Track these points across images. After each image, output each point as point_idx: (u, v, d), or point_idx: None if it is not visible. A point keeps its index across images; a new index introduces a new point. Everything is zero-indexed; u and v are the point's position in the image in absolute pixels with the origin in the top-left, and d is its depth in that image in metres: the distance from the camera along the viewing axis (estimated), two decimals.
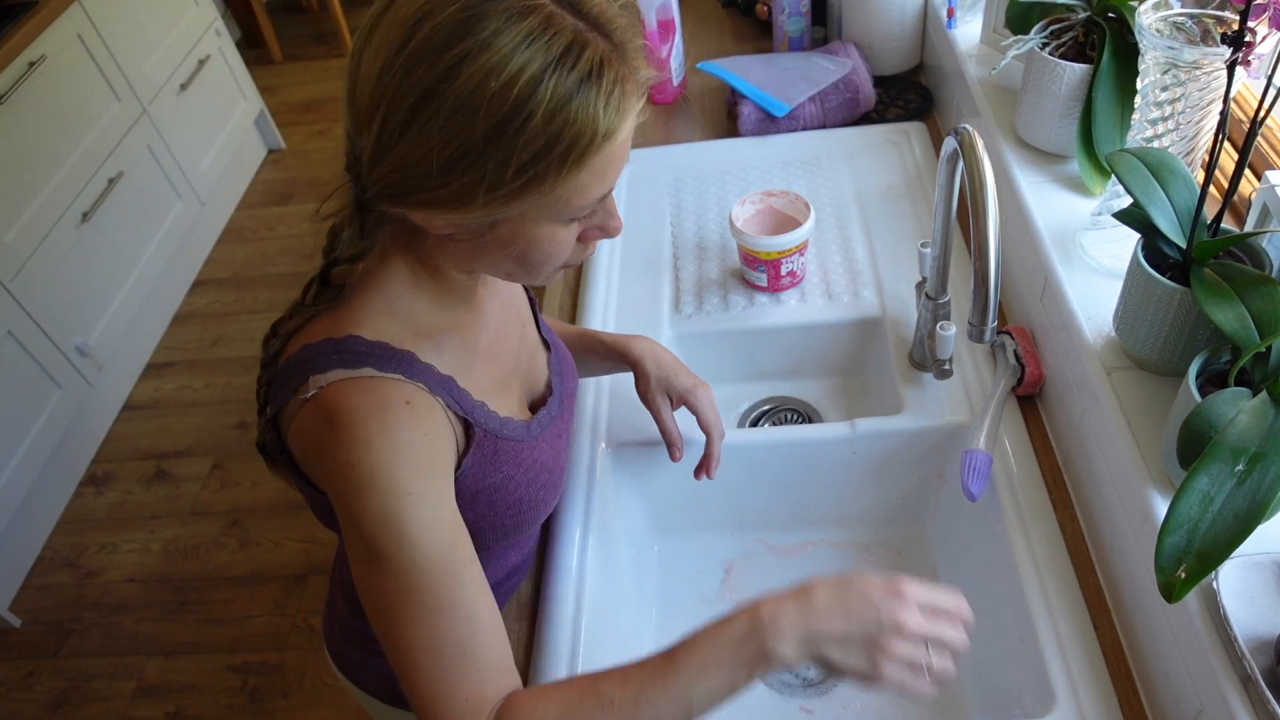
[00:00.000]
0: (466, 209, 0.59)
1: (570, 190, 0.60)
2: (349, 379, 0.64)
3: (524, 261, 0.66)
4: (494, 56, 0.54)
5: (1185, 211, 0.74)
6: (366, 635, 0.90)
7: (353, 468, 0.62)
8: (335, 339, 0.66)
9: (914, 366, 1.07)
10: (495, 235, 0.63)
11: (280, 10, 4.23)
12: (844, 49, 1.49)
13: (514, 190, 0.58)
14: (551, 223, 0.63)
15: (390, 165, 0.58)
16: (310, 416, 0.65)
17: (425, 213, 0.61)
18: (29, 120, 2.18)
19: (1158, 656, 0.74)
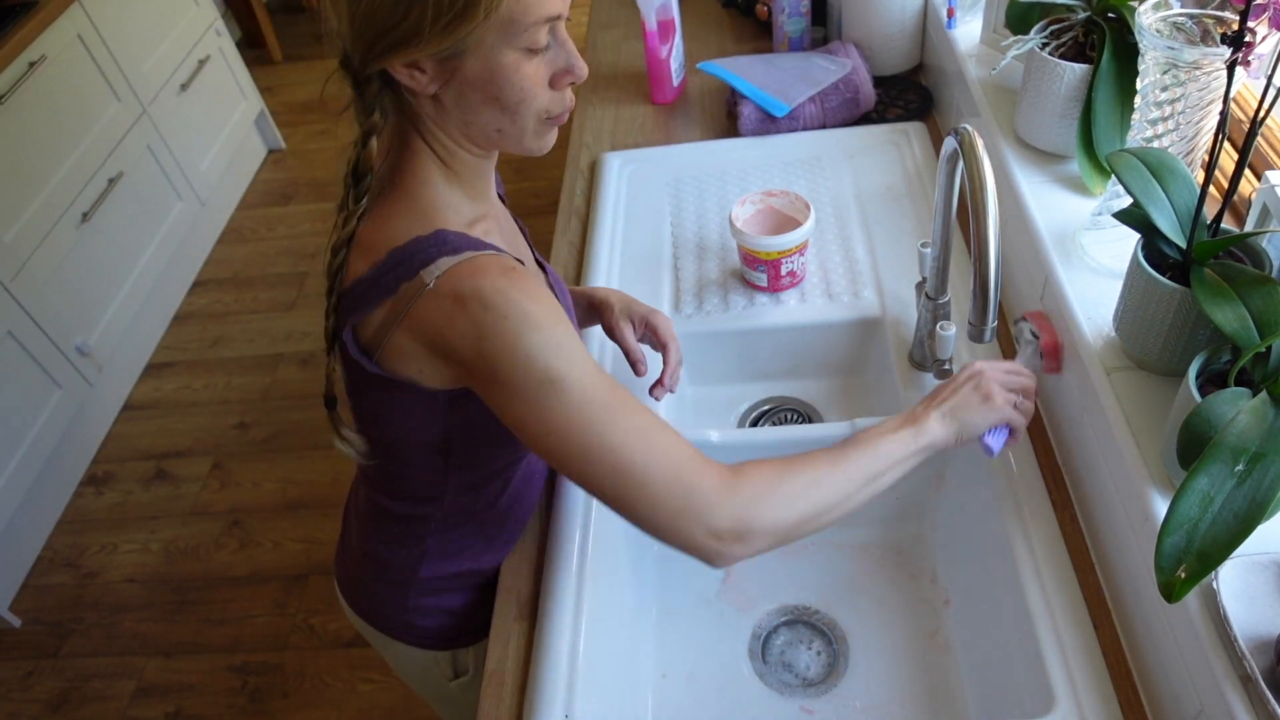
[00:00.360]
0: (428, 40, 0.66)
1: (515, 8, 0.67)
2: (459, 263, 0.71)
3: (503, 105, 0.72)
4: None
5: (1185, 211, 0.74)
6: (381, 563, 0.94)
7: (505, 318, 0.69)
8: (422, 236, 0.73)
9: (914, 366, 1.07)
10: (467, 75, 0.70)
11: (280, 10, 4.23)
12: (844, 49, 1.49)
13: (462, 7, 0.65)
14: (512, 49, 0.69)
15: (359, 21, 0.67)
16: (434, 304, 0.70)
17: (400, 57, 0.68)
18: (29, 120, 2.18)
19: (1158, 656, 0.74)
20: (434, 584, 0.95)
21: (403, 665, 1.05)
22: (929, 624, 1.00)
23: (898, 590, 1.03)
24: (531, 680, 0.86)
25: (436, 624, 0.97)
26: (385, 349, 0.75)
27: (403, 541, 0.93)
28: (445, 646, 1.00)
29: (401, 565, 0.94)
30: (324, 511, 2.16)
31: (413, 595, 0.95)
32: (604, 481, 0.73)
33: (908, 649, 0.98)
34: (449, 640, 0.99)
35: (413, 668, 1.04)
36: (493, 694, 0.87)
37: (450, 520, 0.91)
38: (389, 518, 0.92)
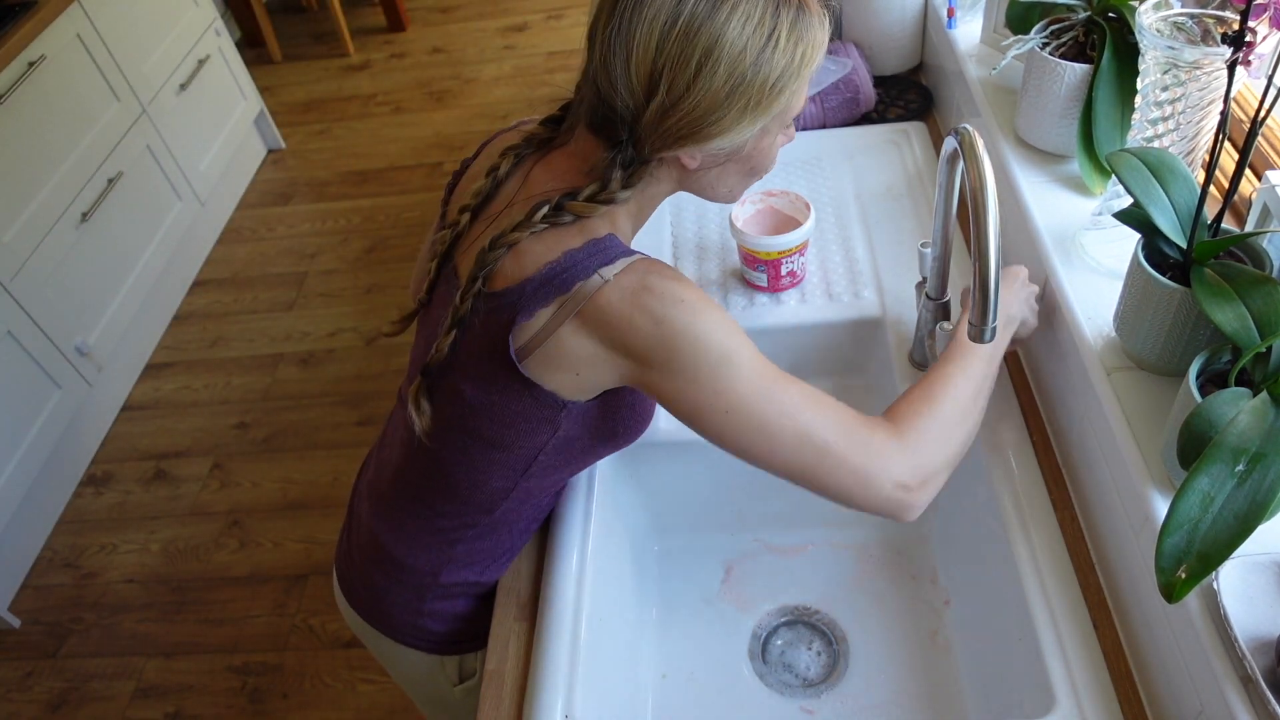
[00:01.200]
0: (738, 131, 0.75)
1: (793, 97, 0.77)
2: (634, 261, 0.77)
3: (750, 175, 0.84)
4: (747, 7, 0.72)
5: (1185, 211, 0.74)
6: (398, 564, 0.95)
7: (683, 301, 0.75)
8: (597, 239, 0.79)
9: (914, 366, 1.07)
10: (742, 154, 0.80)
11: (280, 10, 4.23)
12: (844, 49, 1.49)
13: (769, 104, 0.75)
14: (776, 132, 0.81)
15: (680, 115, 0.74)
16: (615, 296, 0.75)
17: (701, 145, 0.76)
18: (29, 120, 2.18)
19: (1158, 657, 0.74)
20: (453, 589, 0.95)
21: (404, 668, 1.04)
22: (929, 624, 1.00)
23: (898, 590, 1.03)
24: (531, 680, 0.86)
25: (447, 629, 0.97)
26: (540, 352, 0.77)
27: (430, 546, 0.92)
28: (454, 651, 1.00)
29: (423, 569, 0.94)
30: (324, 511, 2.16)
31: (429, 599, 0.95)
32: (788, 451, 0.76)
33: (908, 649, 0.98)
34: (458, 644, 0.99)
35: (415, 671, 1.03)
36: (492, 694, 0.87)
37: (488, 530, 0.91)
38: (422, 521, 0.92)
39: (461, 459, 0.87)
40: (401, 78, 3.65)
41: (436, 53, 3.78)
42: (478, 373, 0.81)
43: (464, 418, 0.84)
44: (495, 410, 0.82)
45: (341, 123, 3.47)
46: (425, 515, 0.91)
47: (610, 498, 1.03)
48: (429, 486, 0.90)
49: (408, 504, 0.92)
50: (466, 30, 3.89)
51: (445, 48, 3.80)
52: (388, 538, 0.95)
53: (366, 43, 3.91)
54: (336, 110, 3.53)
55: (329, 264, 2.85)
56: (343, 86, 3.65)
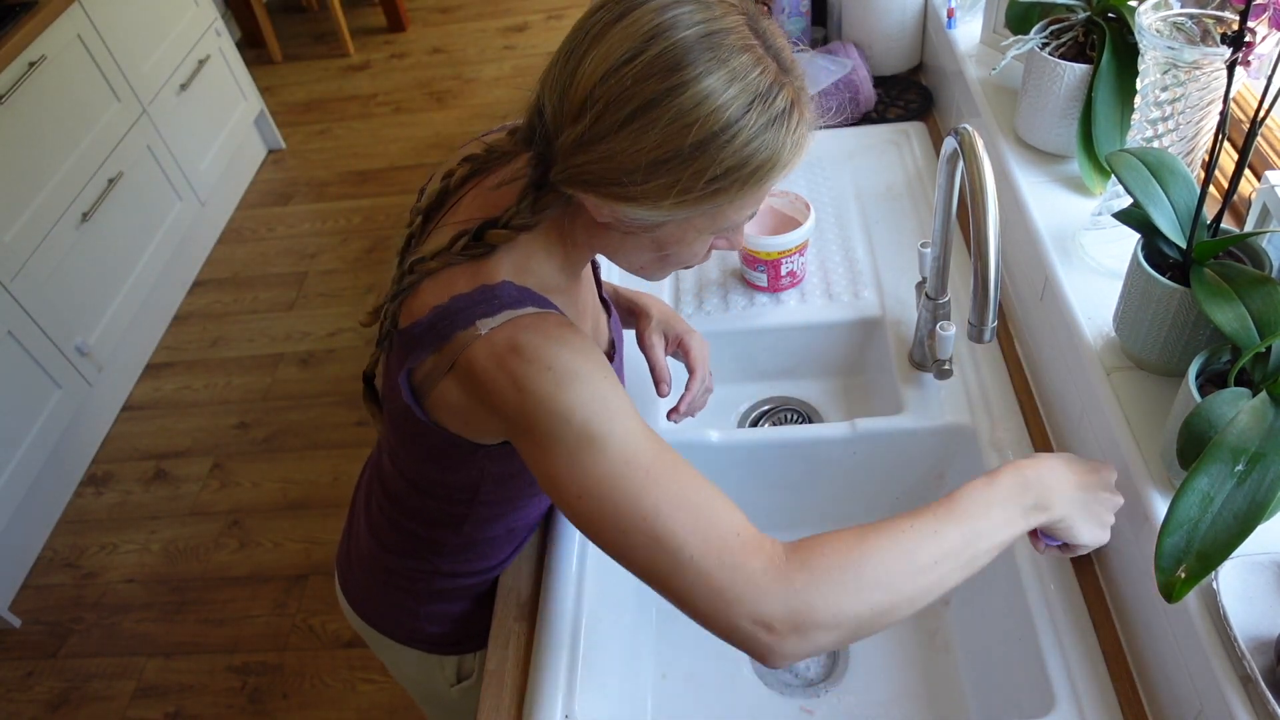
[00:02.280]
0: (651, 206, 0.65)
1: (736, 207, 0.67)
2: (518, 316, 0.70)
3: (664, 261, 0.74)
4: (715, 83, 0.61)
5: (1185, 211, 0.74)
6: (392, 571, 0.94)
7: (550, 369, 0.67)
8: (490, 285, 0.71)
9: (914, 366, 1.07)
10: (656, 234, 0.70)
11: (280, 10, 4.23)
12: (844, 49, 1.49)
13: (698, 197, 0.64)
14: (707, 233, 0.70)
15: (594, 156, 0.64)
16: (486, 352, 0.69)
17: (608, 203, 0.66)
18: (29, 120, 2.18)
19: (1158, 657, 0.74)
20: (447, 592, 0.95)
21: (404, 669, 1.05)
22: (929, 624, 1.00)
23: None
24: (531, 680, 0.86)
25: (444, 630, 0.97)
26: (432, 396, 0.74)
27: (418, 551, 0.92)
28: (452, 651, 1.00)
29: (415, 573, 0.94)
30: (324, 511, 2.16)
31: (424, 602, 0.95)
32: (638, 553, 0.66)
33: (908, 649, 0.98)
34: (456, 645, 0.99)
35: (415, 671, 1.03)
36: (492, 694, 0.87)
37: (469, 541, 0.91)
38: (407, 526, 0.92)
39: (414, 481, 0.86)
40: (401, 78, 3.65)
41: (436, 53, 3.78)
42: (393, 407, 0.79)
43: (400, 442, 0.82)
44: (413, 445, 0.80)
45: (341, 123, 3.47)
46: (408, 521, 0.91)
47: None
48: (405, 493, 0.90)
49: (392, 508, 0.92)
50: (466, 30, 3.90)
51: (445, 48, 3.80)
52: (379, 542, 0.95)
53: (366, 43, 3.91)
54: (336, 110, 3.53)
55: (329, 264, 2.85)
56: (343, 86, 3.65)
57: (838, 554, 0.65)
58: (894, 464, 1.04)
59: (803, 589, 0.64)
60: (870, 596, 0.65)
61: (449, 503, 0.86)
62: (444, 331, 0.71)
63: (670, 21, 0.61)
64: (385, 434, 0.85)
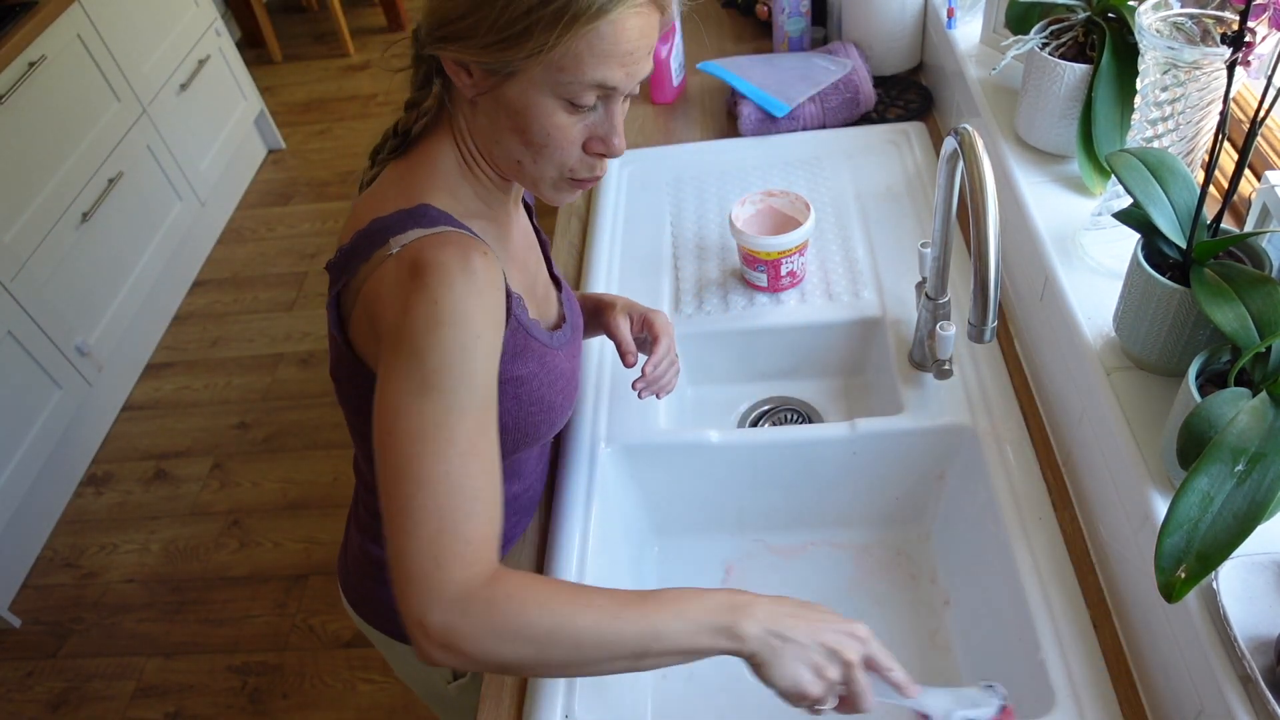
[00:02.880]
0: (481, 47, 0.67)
1: (569, 59, 0.68)
2: (429, 234, 0.71)
3: (527, 141, 0.73)
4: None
5: (1185, 211, 0.74)
6: (379, 563, 0.94)
7: (435, 304, 0.67)
8: (406, 208, 0.74)
9: (914, 366, 1.07)
10: (505, 97, 0.71)
11: (280, 10, 4.23)
12: (844, 49, 1.49)
13: (520, 32, 0.66)
14: (552, 96, 0.70)
15: (433, 5, 0.70)
16: (392, 270, 0.70)
17: (452, 51, 0.69)
18: (29, 120, 2.18)
19: (1158, 656, 0.74)
20: None
21: (402, 665, 1.05)
22: (929, 624, 1.00)
23: (898, 590, 1.03)
24: (531, 680, 0.86)
25: None
26: (351, 324, 0.75)
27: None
28: None
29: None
30: (324, 511, 2.16)
31: None
32: (389, 499, 0.66)
33: (908, 649, 0.98)
34: None
35: (412, 668, 1.04)
36: (493, 694, 0.87)
37: None
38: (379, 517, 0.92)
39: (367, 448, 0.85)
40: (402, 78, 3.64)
41: None
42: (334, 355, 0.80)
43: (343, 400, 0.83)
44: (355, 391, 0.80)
45: (341, 123, 3.47)
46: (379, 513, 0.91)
47: (610, 498, 1.03)
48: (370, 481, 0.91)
49: (368, 494, 0.93)
50: None
51: None
52: (364, 533, 0.96)
53: (366, 43, 3.91)
54: (336, 110, 3.53)
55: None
56: (343, 86, 3.65)
57: (516, 604, 0.65)
58: (894, 464, 1.04)
59: (469, 618, 0.64)
60: (522, 651, 0.65)
61: None
62: (363, 252, 0.73)
63: None
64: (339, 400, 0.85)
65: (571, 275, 1.29)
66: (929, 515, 1.07)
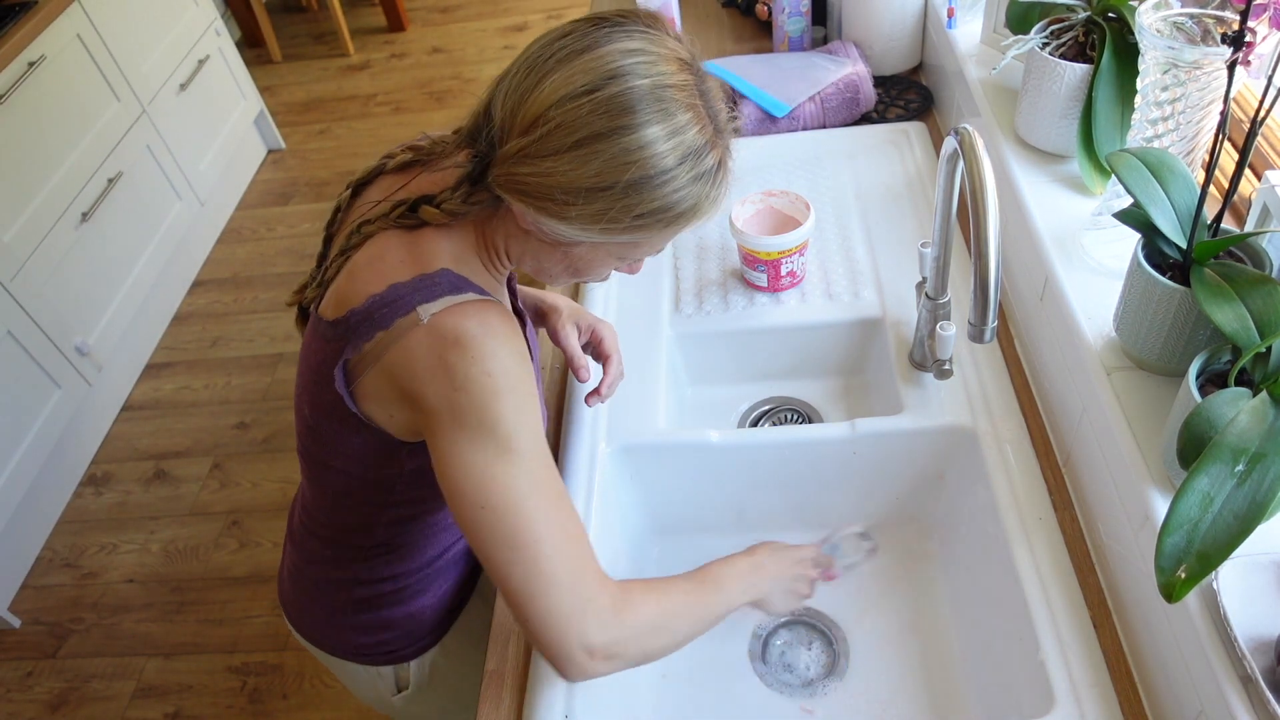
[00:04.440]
0: (578, 227, 0.70)
1: (649, 244, 0.76)
2: (460, 303, 0.72)
3: (574, 274, 0.80)
4: (658, 133, 0.67)
5: (1185, 211, 0.74)
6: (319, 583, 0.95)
7: (490, 375, 0.70)
8: (428, 273, 0.74)
9: (914, 366, 1.07)
10: (571, 250, 0.76)
11: (280, 10, 4.23)
12: (844, 49, 1.49)
13: (622, 229, 0.70)
14: (616, 259, 0.79)
15: (533, 170, 0.68)
16: (427, 341, 0.71)
17: (537, 215, 0.71)
18: (29, 120, 2.18)
19: (1158, 657, 0.74)
20: (371, 601, 0.94)
21: (349, 681, 1.04)
22: (929, 624, 1.00)
23: (898, 590, 1.03)
24: (531, 680, 0.86)
25: (376, 640, 0.97)
26: (360, 384, 0.75)
27: (336, 562, 0.93)
28: (385, 661, 0.99)
29: (337, 585, 0.94)
30: None
31: (350, 613, 0.95)
32: (514, 568, 0.71)
33: (908, 649, 0.98)
34: (389, 655, 0.99)
35: (358, 684, 1.03)
36: (493, 695, 0.87)
37: (383, 549, 0.91)
38: (328, 541, 0.92)
39: (326, 486, 0.87)
40: (401, 78, 3.65)
41: (436, 53, 3.78)
42: (316, 397, 0.79)
43: (314, 442, 0.83)
44: (337, 439, 0.80)
45: (341, 123, 3.47)
46: (322, 534, 0.92)
47: (610, 498, 1.03)
48: (318, 509, 0.91)
49: (310, 519, 0.93)
50: (466, 30, 3.90)
51: (445, 48, 3.80)
52: (303, 554, 0.96)
53: (366, 43, 3.91)
54: (336, 110, 3.53)
55: None
56: (343, 86, 3.65)
57: (650, 604, 0.78)
58: (894, 464, 1.04)
59: (626, 627, 0.75)
60: (663, 641, 0.79)
61: (363, 503, 0.86)
62: (382, 320, 0.73)
63: (630, 68, 0.67)
64: (302, 430, 0.85)
65: None
66: (929, 515, 1.07)
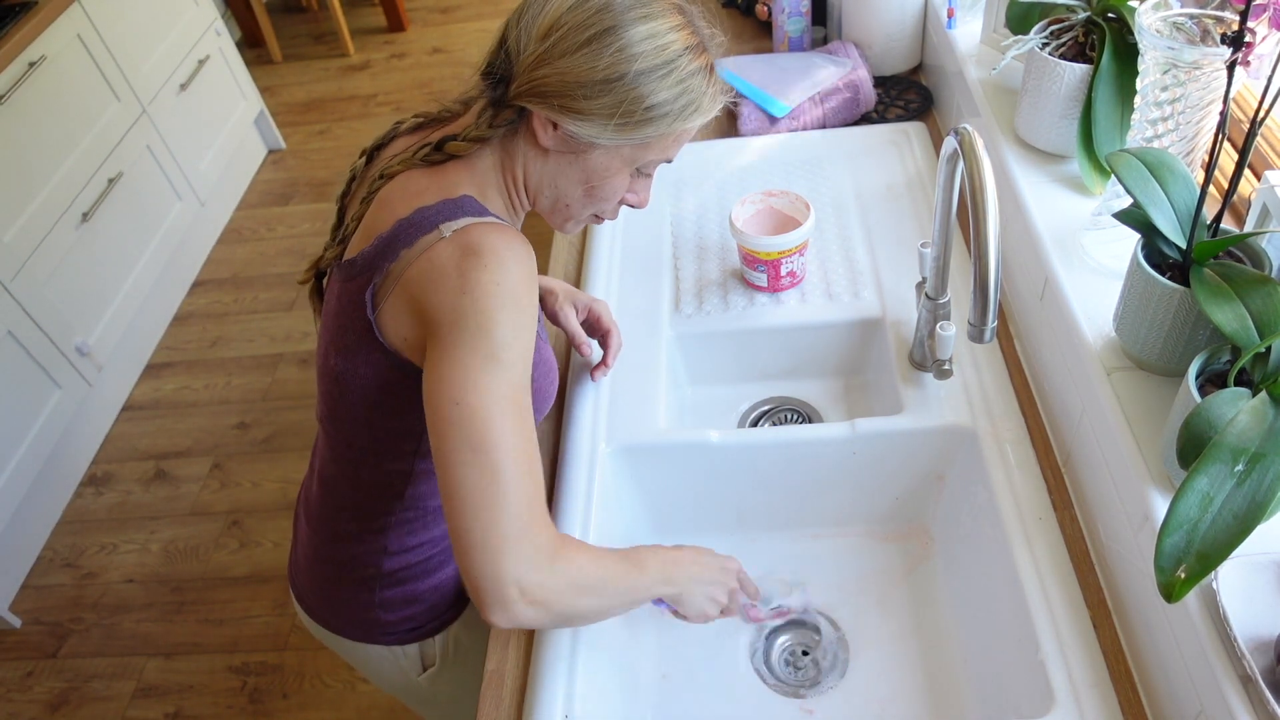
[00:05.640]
0: (594, 123, 0.75)
1: (660, 145, 0.80)
2: (482, 222, 0.76)
3: (591, 194, 0.83)
4: (659, 25, 0.75)
5: (1185, 211, 0.74)
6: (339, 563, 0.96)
7: (498, 285, 0.73)
8: (452, 199, 0.78)
9: (914, 366, 1.07)
10: (589, 160, 0.80)
11: (280, 10, 4.23)
12: (844, 49, 1.49)
13: (636, 123, 0.76)
14: (628, 166, 0.81)
15: (553, 71, 0.74)
16: (447, 252, 0.74)
17: (560, 116, 0.76)
18: (29, 120, 2.18)
19: (1158, 656, 0.74)
20: (398, 575, 0.95)
21: (371, 667, 1.04)
22: (929, 624, 1.00)
23: (898, 590, 1.03)
24: (531, 680, 0.86)
25: (402, 616, 0.97)
26: (382, 311, 0.77)
27: (360, 538, 0.93)
28: (411, 639, 1.00)
29: (363, 562, 0.94)
30: None
31: (377, 590, 0.95)
32: (471, 470, 0.70)
33: (908, 649, 0.98)
34: (414, 632, 0.99)
35: (381, 668, 1.03)
36: (493, 694, 0.87)
37: (412, 515, 0.92)
38: (346, 516, 0.93)
39: (353, 442, 0.88)
40: (401, 78, 3.65)
41: (436, 53, 3.78)
42: (339, 341, 0.82)
43: (341, 395, 0.85)
44: (363, 384, 0.82)
45: (342, 123, 3.47)
46: (347, 509, 0.93)
47: (610, 498, 1.03)
48: (341, 479, 0.92)
49: (331, 501, 0.94)
50: (466, 30, 3.90)
51: (445, 48, 3.80)
52: (322, 535, 0.96)
53: (366, 43, 3.91)
54: (336, 110, 3.53)
55: None
56: (343, 86, 3.65)
57: (584, 561, 0.76)
58: (894, 464, 1.04)
59: (557, 575, 0.73)
60: (589, 603, 0.77)
61: (386, 455, 0.87)
62: (407, 239, 0.76)
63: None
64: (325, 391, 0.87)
65: (572, 275, 1.29)
66: (929, 515, 1.07)
